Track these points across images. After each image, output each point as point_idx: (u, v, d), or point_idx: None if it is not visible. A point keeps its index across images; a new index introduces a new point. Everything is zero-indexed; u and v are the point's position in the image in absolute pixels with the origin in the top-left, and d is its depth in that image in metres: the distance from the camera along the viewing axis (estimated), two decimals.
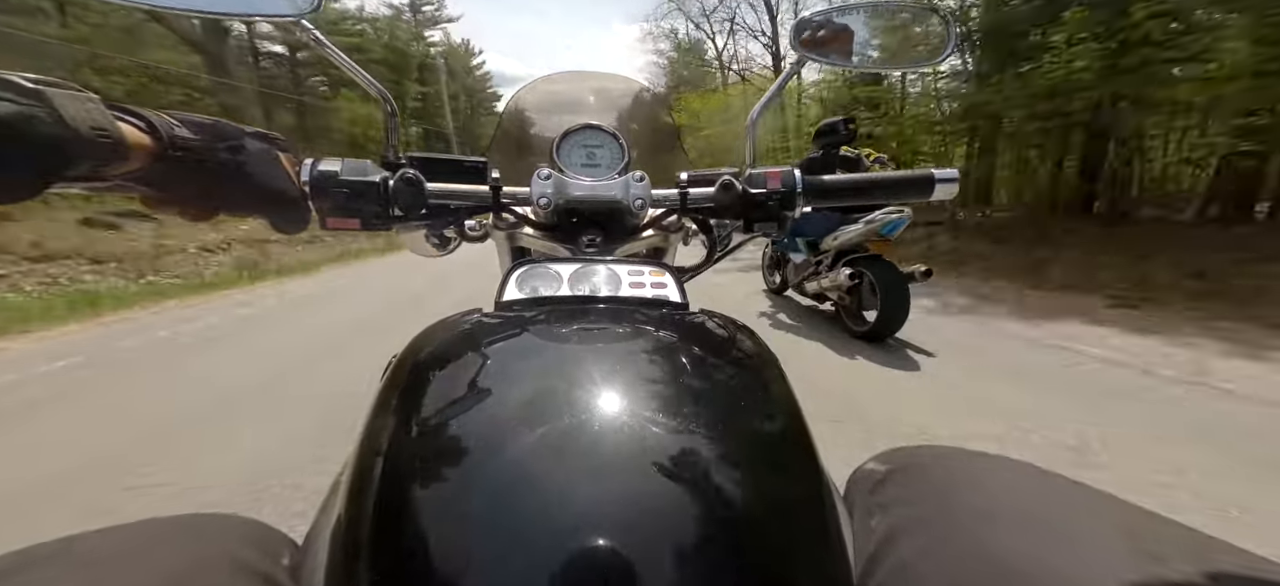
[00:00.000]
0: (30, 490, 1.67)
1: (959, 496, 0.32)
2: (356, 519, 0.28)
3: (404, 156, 0.53)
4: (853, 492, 0.38)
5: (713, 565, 0.24)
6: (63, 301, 4.80)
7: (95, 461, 1.85)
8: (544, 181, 0.53)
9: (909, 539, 0.30)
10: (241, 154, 0.43)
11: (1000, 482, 0.33)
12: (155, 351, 3.39)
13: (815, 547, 0.28)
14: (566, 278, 0.47)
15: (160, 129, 0.38)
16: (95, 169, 0.34)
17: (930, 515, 0.31)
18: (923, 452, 0.39)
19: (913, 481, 0.35)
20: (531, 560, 0.23)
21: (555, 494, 0.25)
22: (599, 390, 0.31)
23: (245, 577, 0.29)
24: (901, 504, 0.33)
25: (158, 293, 5.52)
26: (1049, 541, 0.27)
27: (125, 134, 0.35)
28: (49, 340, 3.70)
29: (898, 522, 0.32)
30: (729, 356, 0.39)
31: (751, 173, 0.56)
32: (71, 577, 0.26)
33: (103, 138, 0.33)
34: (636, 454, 0.27)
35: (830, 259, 3.29)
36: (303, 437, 1.96)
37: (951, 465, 0.36)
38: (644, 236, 0.62)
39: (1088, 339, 3.06)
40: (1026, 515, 0.29)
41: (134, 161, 0.37)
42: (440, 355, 0.37)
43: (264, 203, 0.45)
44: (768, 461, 0.31)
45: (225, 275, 6.70)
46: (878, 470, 0.38)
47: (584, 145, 0.61)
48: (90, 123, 0.33)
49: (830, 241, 3.23)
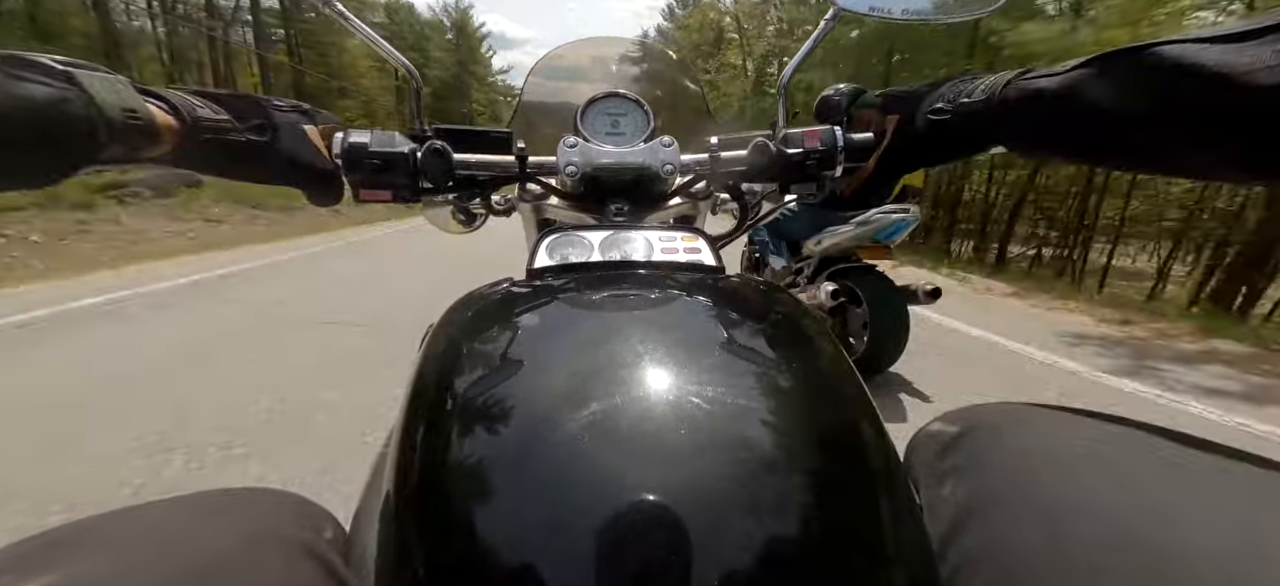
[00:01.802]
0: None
1: (1045, 457, 0.29)
2: (408, 497, 0.27)
3: (430, 129, 0.53)
4: (914, 458, 0.36)
5: (787, 540, 0.23)
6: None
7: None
8: (570, 150, 0.52)
9: (996, 507, 0.28)
10: (266, 130, 0.43)
11: (1090, 439, 0.29)
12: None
13: (890, 518, 0.26)
14: (597, 244, 0.46)
15: (183, 110, 0.37)
16: (128, 152, 0.34)
17: (1017, 480, 0.28)
18: (993, 411, 0.35)
19: (988, 443, 0.32)
20: (592, 531, 0.22)
21: (611, 464, 0.24)
22: (645, 356, 0.29)
23: (292, 554, 0.28)
24: (978, 469, 0.30)
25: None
26: (1159, 501, 0.24)
27: (155, 116, 0.35)
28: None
29: (977, 490, 0.29)
30: (775, 319, 0.38)
31: (787, 133, 0.53)
32: (116, 553, 0.26)
33: (133, 120, 0.33)
34: (692, 423, 0.26)
35: (812, 267, 2.58)
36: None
37: (1031, 423, 0.32)
38: (672, 204, 0.61)
39: None
40: (1128, 474, 0.26)
41: (164, 143, 0.37)
42: (479, 326, 0.37)
43: (293, 174, 0.45)
44: (830, 426, 0.29)
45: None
46: (944, 432, 0.35)
47: (608, 113, 0.60)
48: (121, 105, 0.33)
49: (812, 245, 2.51)
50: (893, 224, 2.32)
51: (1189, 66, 0.27)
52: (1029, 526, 0.26)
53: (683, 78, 0.83)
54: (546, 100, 0.73)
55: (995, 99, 0.39)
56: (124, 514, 0.29)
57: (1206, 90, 0.26)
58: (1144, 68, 0.29)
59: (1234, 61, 0.25)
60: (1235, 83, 0.25)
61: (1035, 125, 0.37)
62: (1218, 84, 0.25)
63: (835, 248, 2.45)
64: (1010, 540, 0.26)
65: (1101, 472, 0.27)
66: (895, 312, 2.30)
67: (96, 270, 4.68)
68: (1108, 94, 0.31)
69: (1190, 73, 0.27)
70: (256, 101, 0.43)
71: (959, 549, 0.27)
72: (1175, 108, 0.28)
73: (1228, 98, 0.25)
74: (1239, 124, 0.26)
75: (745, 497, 0.23)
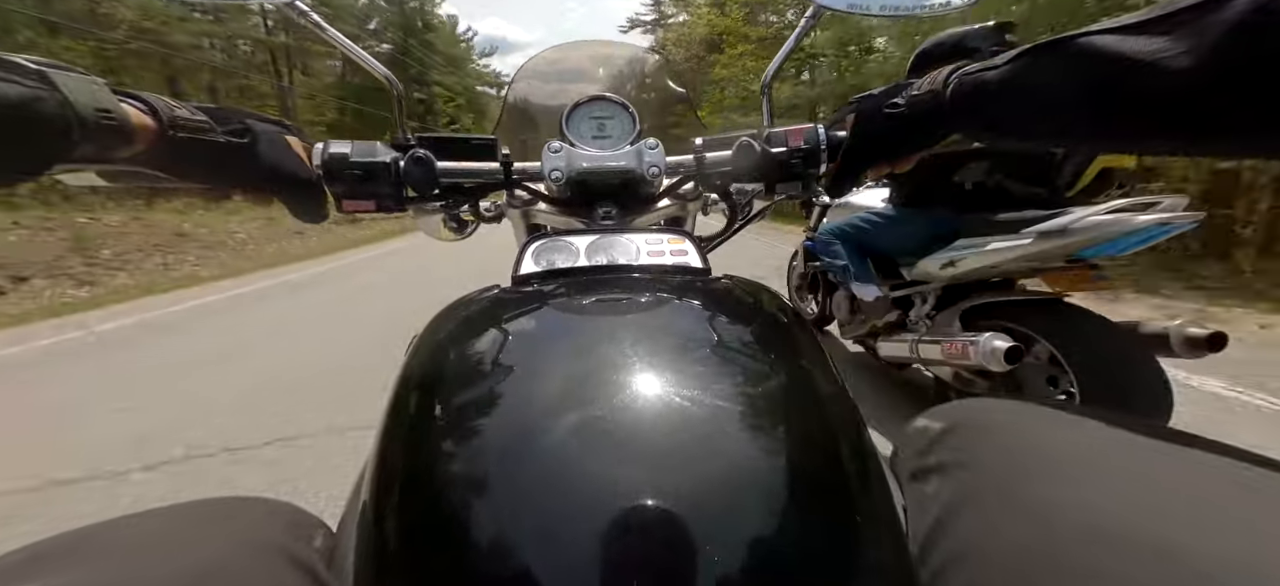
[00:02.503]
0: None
1: (1032, 456, 0.28)
2: (390, 503, 0.27)
3: (413, 137, 0.52)
4: (901, 454, 0.36)
5: (765, 541, 0.23)
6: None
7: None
8: (555, 155, 0.52)
9: (977, 507, 0.27)
10: (246, 135, 0.42)
11: (1079, 437, 0.29)
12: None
13: (868, 519, 0.26)
14: (583, 249, 0.46)
15: (160, 111, 0.38)
16: (100, 151, 0.34)
17: (1000, 478, 0.28)
18: (983, 407, 0.35)
19: (974, 440, 0.32)
20: (577, 538, 0.22)
21: (592, 470, 0.24)
22: (628, 360, 0.29)
23: (279, 562, 0.29)
24: (962, 467, 0.30)
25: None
26: (1146, 498, 0.24)
27: (130, 116, 0.35)
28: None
29: (961, 488, 0.29)
30: (759, 320, 0.38)
31: (770, 132, 0.53)
32: (106, 563, 0.26)
33: (108, 120, 0.33)
34: (671, 427, 0.26)
35: (932, 299, 1.70)
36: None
37: (1020, 420, 0.32)
38: (660, 207, 0.61)
39: None
40: (1115, 472, 0.26)
41: (138, 143, 0.37)
42: (465, 333, 0.37)
43: (274, 184, 0.45)
44: (811, 427, 0.29)
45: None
46: (930, 428, 0.35)
47: (593, 117, 0.60)
48: (95, 105, 0.33)
49: (937, 266, 1.59)
50: (1136, 232, 1.24)
51: (1106, 54, 0.31)
52: (1015, 523, 0.25)
53: (669, 78, 0.83)
54: (531, 105, 0.73)
55: (942, 91, 0.42)
56: (114, 524, 0.29)
57: (1121, 74, 0.30)
58: (1068, 57, 0.33)
59: (1140, 48, 0.29)
60: (1146, 68, 0.29)
61: (978, 112, 0.40)
62: (1130, 68, 0.29)
63: (992, 270, 1.48)
64: (996, 536, 0.26)
65: (1088, 470, 0.26)
66: (1137, 379, 1.26)
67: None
68: (1038, 81, 0.35)
69: (1107, 60, 0.31)
70: (237, 111, 0.43)
71: (945, 545, 0.27)
72: (1095, 90, 0.32)
73: (1140, 81, 0.29)
74: (1150, 103, 0.30)
75: (723, 500, 0.23)
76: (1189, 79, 0.27)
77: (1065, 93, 0.34)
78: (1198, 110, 0.28)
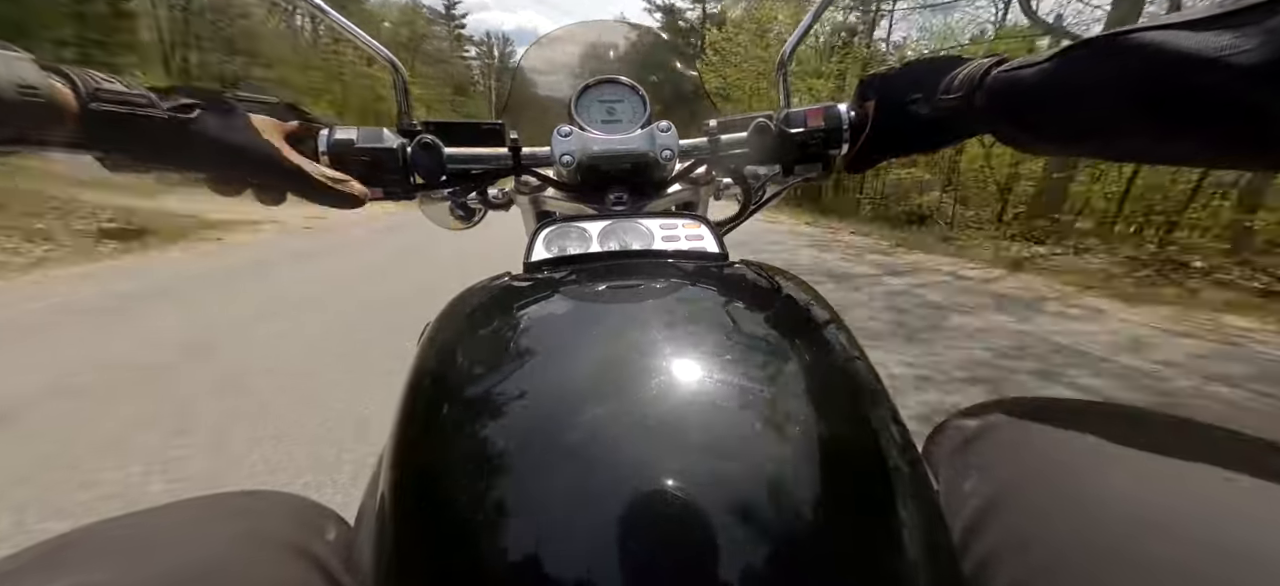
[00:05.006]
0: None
1: (1072, 451, 0.28)
2: (404, 496, 0.26)
3: (420, 123, 0.51)
4: (935, 451, 0.35)
5: (805, 532, 0.22)
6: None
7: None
8: (565, 139, 0.50)
9: (1021, 501, 0.27)
10: (192, 109, 0.37)
11: (1115, 432, 0.28)
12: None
13: (908, 510, 0.25)
14: (595, 235, 0.44)
15: (80, 83, 0.34)
16: (21, 131, 0.31)
17: (1045, 473, 0.27)
18: (1018, 405, 0.34)
19: (1012, 439, 0.31)
20: (609, 529, 0.21)
21: (614, 459, 0.23)
22: (647, 347, 0.28)
23: (294, 556, 0.28)
24: (1001, 465, 0.30)
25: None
26: (1189, 492, 0.23)
27: (56, 92, 0.32)
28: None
29: (1000, 486, 0.28)
30: (783, 307, 0.36)
31: (789, 112, 0.52)
32: (121, 558, 0.26)
33: (32, 97, 0.30)
34: (704, 416, 0.24)
35: None
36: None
37: (1054, 417, 0.31)
38: (673, 191, 0.59)
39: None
40: (1156, 466, 0.25)
41: (66, 123, 0.33)
42: (476, 322, 0.36)
43: (237, 169, 0.40)
44: (844, 415, 0.28)
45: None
46: (966, 426, 0.34)
47: (603, 100, 0.58)
48: (16, 82, 0.30)
49: None
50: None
51: (1165, 52, 0.27)
52: (1064, 515, 0.25)
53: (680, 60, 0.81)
54: (539, 88, 0.71)
55: (975, 90, 0.38)
56: (126, 519, 0.28)
57: (1182, 75, 0.26)
58: (1121, 55, 0.29)
59: (1208, 45, 0.25)
60: (1210, 67, 0.25)
61: (1016, 116, 0.37)
62: (1193, 68, 0.26)
63: None
64: (1045, 529, 0.25)
65: (1129, 466, 0.26)
66: None
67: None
68: (1086, 82, 0.31)
69: (1166, 59, 0.27)
70: (192, 88, 0.39)
71: (983, 543, 0.27)
72: (1152, 94, 0.28)
73: (1203, 82, 0.25)
74: (1214, 109, 0.26)
75: (755, 492, 0.22)
76: (1259, 80, 0.24)
77: (1113, 95, 0.30)
78: (1269, 116, 0.25)
